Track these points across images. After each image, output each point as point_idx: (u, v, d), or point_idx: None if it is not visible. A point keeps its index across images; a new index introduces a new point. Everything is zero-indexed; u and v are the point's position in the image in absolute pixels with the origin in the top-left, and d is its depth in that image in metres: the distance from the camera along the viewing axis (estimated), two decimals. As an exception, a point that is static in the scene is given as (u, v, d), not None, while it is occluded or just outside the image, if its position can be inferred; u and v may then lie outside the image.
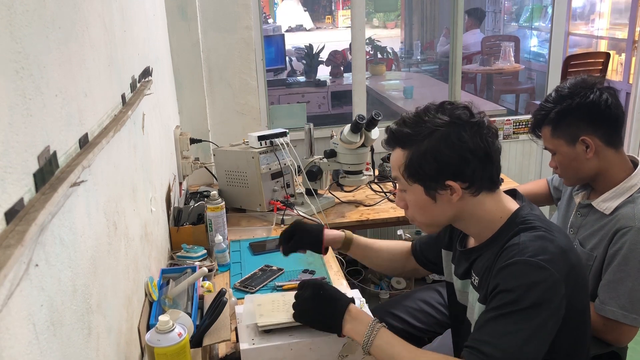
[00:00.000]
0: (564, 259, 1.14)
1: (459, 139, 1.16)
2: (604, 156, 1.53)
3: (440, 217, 1.26)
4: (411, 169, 1.21)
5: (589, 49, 6.06)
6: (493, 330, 1.10)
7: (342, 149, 2.31)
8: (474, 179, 1.19)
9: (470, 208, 1.23)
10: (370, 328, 1.22)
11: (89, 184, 0.95)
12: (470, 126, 1.18)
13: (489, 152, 1.20)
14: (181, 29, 2.51)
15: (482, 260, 1.25)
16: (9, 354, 0.61)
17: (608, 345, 1.56)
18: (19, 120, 0.68)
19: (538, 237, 1.15)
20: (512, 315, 1.09)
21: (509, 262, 1.13)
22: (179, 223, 1.97)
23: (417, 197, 1.24)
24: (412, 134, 1.20)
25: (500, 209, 1.25)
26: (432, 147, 1.17)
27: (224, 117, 2.70)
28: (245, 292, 1.69)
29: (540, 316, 1.09)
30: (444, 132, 1.17)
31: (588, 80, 1.53)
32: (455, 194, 1.19)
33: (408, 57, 6.57)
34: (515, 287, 1.10)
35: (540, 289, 1.09)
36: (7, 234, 0.62)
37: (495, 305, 1.12)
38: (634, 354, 1.78)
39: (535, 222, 1.19)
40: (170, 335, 1.13)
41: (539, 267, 1.10)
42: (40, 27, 0.79)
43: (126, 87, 1.36)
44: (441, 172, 1.18)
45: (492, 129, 1.22)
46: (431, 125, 1.18)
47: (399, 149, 1.23)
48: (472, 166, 1.18)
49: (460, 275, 1.36)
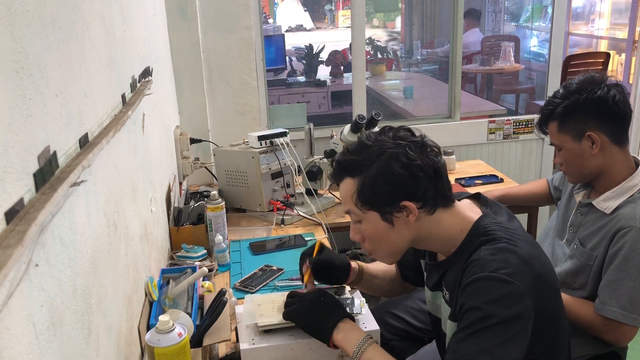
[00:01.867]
0: (528, 270, 1.12)
1: (407, 158, 1.15)
2: (609, 153, 1.53)
3: (400, 243, 1.23)
4: (364, 196, 1.19)
5: (589, 49, 6.07)
6: (466, 350, 1.08)
7: (342, 149, 2.30)
8: (427, 197, 1.17)
9: (428, 227, 1.21)
10: (363, 340, 1.21)
11: (89, 184, 0.95)
12: (415, 145, 1.17)
13: (437, 168, 1.18)
14: (181, 29, 2.51)
15: (450, 273, 1.24)
16: (9, 354, 0.61)
17: (608, 345, 1.56)
18: (19, 120, 0.68)
19: (499, 250, 1.13)
20: (482, 332, 1.07)
21: (471, 280, 1.11)
22: (179, 223, 1.97)
23: (373, 225, 1.21)
24: (360, 160, 1.19)
25: (459, 223, 1.22)
26: (382, 169, 1.16)
27: (224, 117, 2.70)
28: (245, 292, 1.69)
29: (511, 330, 1.07)
30: (391, 153, 1.16)
31: (596, 77, 1.54)
32: (412, 214, 1.17)
33: (408, 57, 6.57)
34: (480, 304, 1.09)
35: (505, 304, 1.08)
36: (7, 234, 0.62)
37: (465, 324, 1.10)
38: (634, 354, 1.78)
39: (496, 232, 1.17)
40: (170, 335, 1.13)
41: (502, 282, 1.08)
42: (40, 27, 0.79)
43: (126, 87, 1.36)
44: (395, 193, 1.16)
45: (434, 147, 1.21)
46: (377, 148, 1.18)
47: (348, 179, 1.22)
48: (424, 184, 1.16)
49: (432, 287, 1.34)
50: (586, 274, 1.56)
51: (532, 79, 5.74)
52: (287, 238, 2.08)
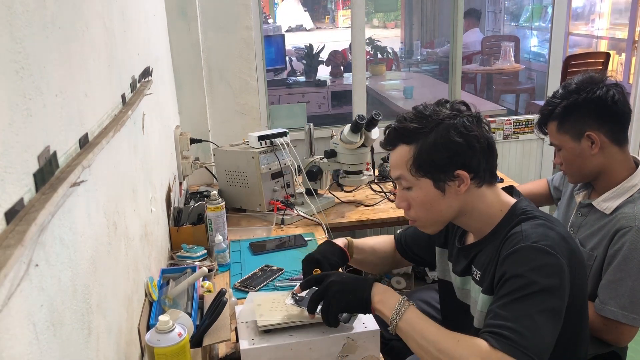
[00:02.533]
0: (565, 245, 1.17)
1: (465, 128, 1.20)
2: (609, 153, 1.53)
3: (446, 212, 1.26)
4: (421, 162, 1.22)
5: (589, 49, 6.06)
6: (509, 314, 1.10)
7: (342, 149, 2.31)
8: (479, 169, 1.22)
9: (474, 201, 1.25)
10: (400, 302, 1.20)
11: (89, 184, 0.95)
12: (471, 117, 1.22)
13: (491, 142, 1.24)
14: (181, 29, 2.51)
15: (483, 254, 1.26)
16: (9, 354, 0.61)
17: (608, 345, 1.56)
18: (19, 120, 0.68)
19: (539, 225, 1.18)
20: (525, 299, 1.10)
21: (514, 250, 1.15)
22: (179, 223, 1.97)
23: (424, 192, 1.24)
24: (419, 128, 1.22)
25: (500, 202, 1.27)
26: (441, 137, 1.20)
27: (224, 117, 2.70)
28: (246, 292, 1.69)
29: (551, 300, 1.10)
30: (450, 122, 1.20)
31: (595, 77, 1.54)
32: (464, 184, 1.22)
33: (408, 57, 6.57)
34: (523, 272, 1.12)
35: (548, 272, 1.11)
36: (7, 234, 0.62)
37: (506, 291, 1.12)
38: (634, 354, 1.78)
39: (534, 212, 1.23)
40: (170, 335, 1.13)
41: (544, 252, 1.13)
42: (40, 27, 0.79)
43: (126, 87, 1.36)
44: (451, 161, 1.20)
45: (487, 123, 1.26)
46: (435, 117, 1.22)
47: (402, 146, 1.25)
48: (478, 155, 1.21)
49: (460, 273, 1.36)
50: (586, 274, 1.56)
51: (532, 79, 5.74)
52: (287, 238, 2.08)
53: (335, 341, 1.29)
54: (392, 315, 1.18)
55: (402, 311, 1.18)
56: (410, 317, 1.18)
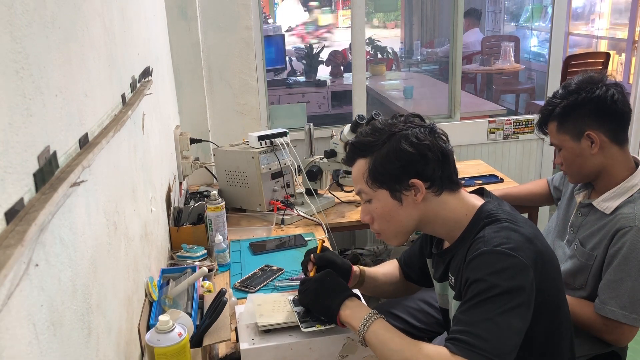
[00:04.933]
0: (530, 246, 1.17)
1: (417, 138, 1.22)
2: (609, 153, 1.53)
3: (407, 222, 1.28)
4: (375, 173, 1.25)
5: (589, 49, 6.07)
6: (469, 319, 1.12)
7: (342, 149, 2.31)
8: (435, 178, 1.23)
9: (435, 208, 1.26)
10: (369, 315, 1.22)
11: (89, 184, 0.95)
12: (424, 128, 1.25)
13: (445, 152, 1.25)
14: (181, 29, 2.51)
15: (455, 259, 1.28)
16: (9, 354, 0.61)
17: (608, 345, 1.56)
18: (19, 120, 0.68)
19: (502, 228, 1.19)
20: (485, 302, 1.11)
21: (474, 255, 1.16)
22: (179, 223, 1.97)
23: (383, 203, 1.26)
24: (373, 141, 1.26)
25: (464, 207, 1.28)
26: (393, 148, 1.22)
27: (224, 117, 2.70)
28: (245, 292, 1.69)
29: (514, 301, 1.11)
30: (402, 133, 1.23)
31: (595, 77, 1.55)
32: (420, 193, 1.23)
33: (408, 57, 6.57)
34: (483, 276, 1.13)
35: (509, 275, 1.12)
36: (7, 234, 0.62)
37: (468, 297, 1.14)
38: (634, 354, 1.78)
39: (499, 214, 1.23)
40: (170, 335, 1.13)
41: (505, 254, 1.13)
42: (40, 27, 0.79)
43: (126, 87, 1.36)
44: (405, 171, 1.22)
45: (443, 134, 1.28)
46: (388, 130, 1.25)
47: (360, 160, 1.28)
48: (432, 164, 1.22)
49: (439, 278, 1.37)
50: (586, 274, 1.56)
51: (532, 79, 5.75)
52: (287, 238, 2.08)
53: (335, 341, 1.29)
54: (359, 328, 1.21)
55: (369, 324, 1.21)
56: (376, 329, 1.20)
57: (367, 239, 3.30)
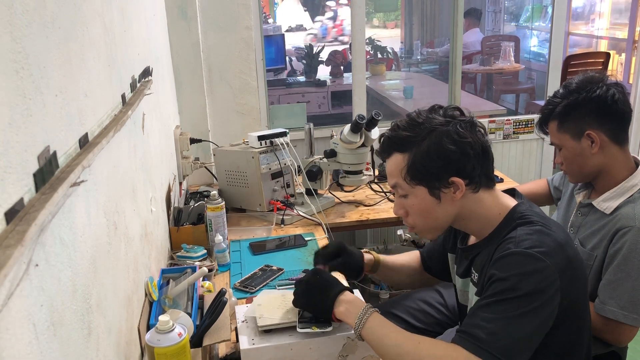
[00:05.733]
0: (561, 252, 1.15)
1: (458, 135, 1.19)
2: (609, 152, 1.53)
3: (443, 219, 1.26)
4: (414, 170, 1.21)
5: (589, 49, 6.07)
6: (485, 315, 1.11)
7: (342, 149, 2.31)
8: (474, 175, 1.21)
9: (471, 205, 1.24)
10: (363, 311, 1.22)
11: (89, 184, 0.95)
12: (465, 123, 1.21)
13: (485, 147, 1.23)
14: (181, 29, 2.51)
15: (481, 256, 1.27)
16: (9, 354, 0.61)
17: (608, 345, 1.56)
18: (19, 120, 0.68)
19: (535, 231, 1.17)
20: (504, 302, 1.11)
21: (505, 254, 1.15)
22: (179, 223, 1.97)
23: (420, 200, 1.24)
24: (412, 136, 1.22)
25: (498, 206, 1.26)
26: (434, 145, 1.19)
27: (224, 117, 2.70)
28: (245, 292, 1.69)
29: (532, 304, 1.10)
30: (442, 129, 1.19)
31: (595, 77, 1.55)
32: (459, 190, 1.21)
33: (408, 57, 6.57)
34: (509, 275, 1.12)
35: (534, 279, 1.11)
36: (7, 234, 0.62)
37: (490, 293, 1.13)
38: (634, 354, 1.78)
39: (532, 217, 1.21)
40: (170, 335, 1.13)
41: (534, 258, 1.12)
42: (40, 27, 0.79)
43: (126, 87, 1.36)
44: (445, 169, 1.19)
45: (482, 127, 1.25)
46: (428, 125, 1.21)
47: (397, 154, 1.25)
48: (472, 161, 1.20)
49: (461, 274, 1.37)
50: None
51: (532, 79, 5.74)
52: (287, 238, 2.08)
53: (335, 341, 1.29)
54: (355, 324, 1.21)
55: (364, 319, 1.20)
56: (372, 325, 1.20)
57: (367, 239, 3.30)
